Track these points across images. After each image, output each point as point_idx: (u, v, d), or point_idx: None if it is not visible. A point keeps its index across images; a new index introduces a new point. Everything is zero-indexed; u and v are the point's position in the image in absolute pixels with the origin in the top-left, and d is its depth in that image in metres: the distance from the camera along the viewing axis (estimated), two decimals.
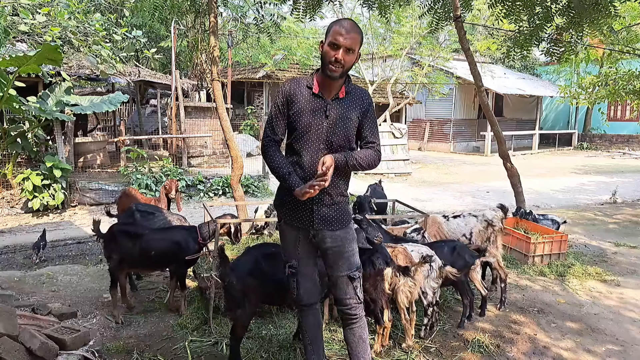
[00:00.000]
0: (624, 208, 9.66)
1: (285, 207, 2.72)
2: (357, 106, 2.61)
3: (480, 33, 20.44)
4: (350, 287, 2.69)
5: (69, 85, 9.18)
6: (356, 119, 2.61)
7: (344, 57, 2.46)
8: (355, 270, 2.70)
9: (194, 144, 12.71)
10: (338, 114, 2.57)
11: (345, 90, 2.61)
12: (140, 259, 4.02)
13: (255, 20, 8.52)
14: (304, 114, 2.57)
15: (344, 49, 2.45)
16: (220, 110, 6.86)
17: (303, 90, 2.59)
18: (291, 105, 2.60)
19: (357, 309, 2.73)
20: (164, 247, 4.05)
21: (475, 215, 4.68)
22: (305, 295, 2.79)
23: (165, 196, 5.54)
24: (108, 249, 4.02)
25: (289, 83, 2.64)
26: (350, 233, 2.73)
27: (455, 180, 13.23)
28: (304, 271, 2.76)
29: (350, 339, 2.77)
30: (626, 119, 21.79)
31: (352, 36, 2.45)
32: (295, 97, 2.59)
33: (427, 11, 7.28)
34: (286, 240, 2.79)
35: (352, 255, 2.71)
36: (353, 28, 2.48)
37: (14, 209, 8.67)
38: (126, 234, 4.02)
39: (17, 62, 5.44)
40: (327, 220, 2.64)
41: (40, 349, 2.89)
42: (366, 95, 2.68)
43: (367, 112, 2.64)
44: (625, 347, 3.76)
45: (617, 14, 6.06)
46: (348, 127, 2.59)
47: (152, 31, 17.53)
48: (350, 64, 2.51)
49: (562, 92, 12.91)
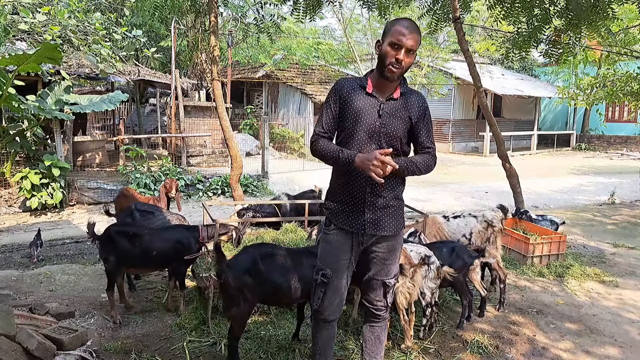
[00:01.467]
0: (622, 209, 9.68)
1: (336, 209, 2.59)
2: (411, 109, 2.52)
3: (479, 34, 20.49)
4: (382, 292, 2.66)
5: (69, 84, 9.16)
6: (409, 121, 2.51)
7: (405, 58, 2.38)
8: (392, 278, 2.66)
9: (193, 143, 12.71)
10: (391, 115, 2.48)
11: (400, 92, 2.51)
12: (139, 259, 4.01)
13: (255, 20, 8.53)
14: (356, 113, 2.48)
15: (405, 50, 2.36)
16: (219, 110, 6.86)
17: (356, 89, 2.51)
18: (343, 104, 2.51)
19: (383, 311, 2.72)
20: (165, 246, 4.04)
21: (475, 216, 4.69)
22: (327, 310, 2.64)
23: (165, 195, 5.53)
24: (105, 250, 3.98)
25: (342, 81, 2.58)
26: (399, 241, 2.66)
27: (454, 181, 13.24)
28: (336, 284, 2.60)
29: (368, 337, 2.77)
30: (624, 120, 21.82)
31: (414, 37, 2.37)
32: (348, 96, 2.50)
33: (426, 12, 7.29)
34: (330, 246, 2.62)
35: (393, 263, 2.66)
36: (415, 28, 2.40)
37: (12, 208, 8.65)
38: (124, 235, 3.99)
39: (17, 61, 5.44)
40: (380, 225, 2.53)
41: (38, 349, 2.89)
42: (422, 99, 2.59)
43: (424, 116, 2.55)
44: (623, 347, 3.76)
45: (614, 16, 6.08)
46: (399, 129, 2.49)
47: (152, 30, 17.51)
48: (409, 65, 2.43)
49: (561, 93, 12.93)
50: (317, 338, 2.75)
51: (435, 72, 18.13)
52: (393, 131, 2.48)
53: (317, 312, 2.67)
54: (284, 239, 5.34)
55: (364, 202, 2.50)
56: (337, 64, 18.49)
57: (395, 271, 2.68)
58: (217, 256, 3.12)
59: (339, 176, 2.59)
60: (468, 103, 21.49)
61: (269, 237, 5.62)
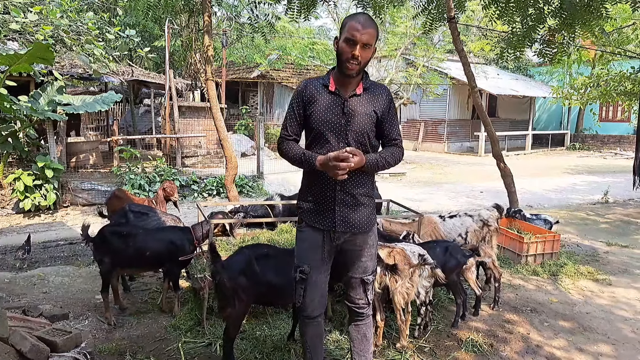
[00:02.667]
0: (615, 208, 9.73)
1: (308, 207, 2.63)
2: (376, 102, 2.53)
3: (474, 34, 20.54)
4: (362, 289, 2.67)
5: (61, 84, 9.11)
6: (375, 115, 2.52)
7: (361, 54, 2.38)
8: (370, 275, 2.66)
9: (188, 143, 12.67)
10: (355, 111, 2.49)
11: (363, 87, 2.52)
12: (134, 259, 3.99)
13: (249, 20, 8.51)
14: (321, 113, 2.50)
15: (360, 45, 2.37)
16: (214, 110, 6.84)
17: (319, 89, 2.52)
18: (307, 105, 2.53)
19: (366, 308, 2.72)
20: (159, 247, 4.03)
21: (471, 215, 4.70)
22: (310, 306, 2.65)
23: (163, 198, 5.52)
24: (99, 252, 3.96)
25: (304, 83, 2.58)
26: (373, 238, 2.65)
27: (449, 180, 13.27)
28: (315, 279, 2.61)
29: (354, 336, 2.77)
30: (617, 120, 21.96)
31: (369, 31, 2.37)
32: (312, 96, 2.52)
33: (421, 12, 7.30)
34: (304, 243, 2.65)
35: (369, 260, 2.66)
36: (369, 22, 2.40)
37: (5, 210, 8.59)
38: (118, 235, 3.98)
39: (8, 61, 5.41)
40: (350, 222, 2.55)
41: (31, 351, 2.86)
42: (386, 91, 2.59)
43: (389, 109, 2.56)
44: (616, 345, 3.78)
45: (608, 15, 6.11)
46: (365, 124, 2.50)
47: (146, 30, 17.46)
48: (367, 60, 2.44)
49: (555, 92, 12.99)
50: (305, 336, 2.76)
51: (430, 72, 18.16)
52: (359, 127, 2.50)
53: (301, 309, 2.69)
54: (279, 239, 5.33)
55: (334, 200, 2.53)
56: (332, 64, 18.50)
57: (372, 268, 2.69)
58: (212, 257, 3.11)
59: (309, 176, 2.62)
60: (463, 103, 21.55)
61: (264, 238, 5.60)
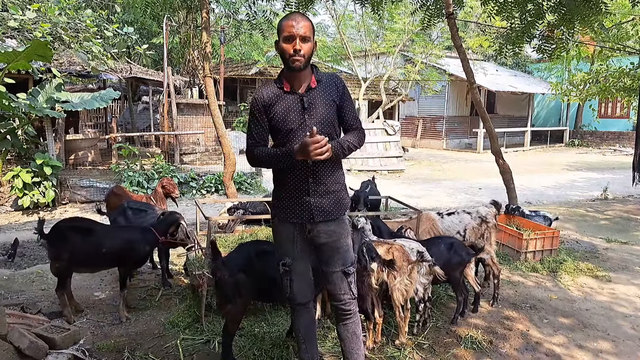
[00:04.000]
0: (614, 204, 9.73)
1: (281, 203, 2.68)
2: (331, 92, 2.62)
3: (472, 30, 20.51)
4: (345, 283, 2.67)
5: (60, 81, 9.07)
6: (334, 104, 2.62)
7: (302, 47, 2.47)
8: (350, 266, 2.68)
9: (187, 141, 12.64)
10: (315, 104, 2.57)
11: (316, 80, 2.61)
12: (91, 258, 3.90)
13: (247, 17, 8.48)
14: (282, 113, 2.57)
15: (299, 38, 2.46)
16: (212, 107, 6.82)
17: (275, 92, 2.59)
18: (268, 110, 2.59)
19: (351, 304, 2.71)
20: (117, 246, 3.94)
21: (469, 212, 4.69)
22: (298, 295, 2.72)
23: (162, 194, 5.51)
24: (55, 249, 3.81)
25: (259, 90, 2.64)
26: (345, 227, 2.70)
27: (448, 177, 13.26)
28: (297, 269, 2.69)
29: (344, 335, 2.76)
30: (616, 116, 21.94)
31: (304, 24, 2.47)
32: (270, 101, 2.59)
33: (419, 8, 7.26)
34: (280, 237, 2.73)
35: (346, 251, 2.69)
36: (303, 17, 2.51)
37: (4, 207, 8.58)
38: (75, 232, 3.87)
39: (7, 58, 5.39)
40: (323, 210, 2.61)
41: (30, 348, 2.86)
42: (338, 79, 2.69)
43: (343, 95, 2.65)
44: (616, 342, 3.78)
45: (607, 11, 6.08)
46: (328, 114, 2.59)
47: (144, 27, 17.41)
48: (310, 52, 2.52)
49: (554, 89, 12.98)
50: (299, 326, 2.80)
51: (428, 69, 18.13)
52: (322, 119, 2.57)
53: (291, 299, 2.74)
54: None
55: (308, 191, 2.58)
56: (330, 61, 18.45)
57: (351, 259, 2.71)
58: (212, 253, 3.10)
59: (281, 173, 2.67)
60: (462, 100, 21.53)
61: (263, 235, 5.59)
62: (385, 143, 14.21)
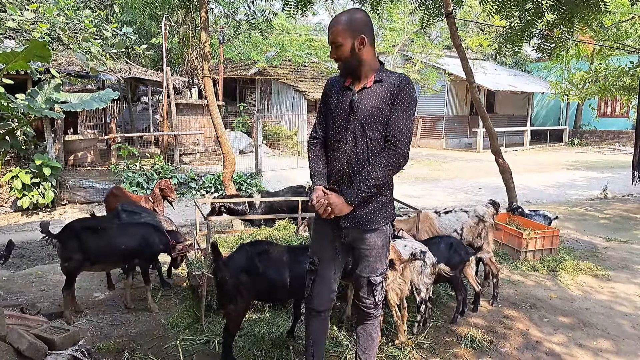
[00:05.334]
0: (614, 203, 9.73)
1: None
2: (386, 93, 2.44)
3: (472, 30, 20.50)
4: (369, 289, 2.63)
5: (59, 82, 9.06)
6: (385, 107, 2.44)
7: (336, 53, 2.48)
8: (377, 276, 2.62)
9: (186, 141, 12.64)
10: (362, 104, 2.47)
11: (375, 79, 2.48)
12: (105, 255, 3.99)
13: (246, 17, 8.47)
14: (333, 108, 2.59)
15: (333, 46, 2.49)
16: (211, 107, 6.81)
17: (336, 86, 2.62)
18: (327, 101, 2.64)
19: (373, 309, 2.69)
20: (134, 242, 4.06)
21: (467, 211, 4.68)
22: (316, 299, 2.67)
23: (160, 196, 5.51)
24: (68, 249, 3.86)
25: (328, 80, 2.71)
26: (383, 237, 2.59)
27: (448, 177, 13.26)
28: (322, 273, 2.64)
29: (360, 334, 2.79)
30: (616, 115, 21.92)
31: (332, 30, 2.46)
32: (330, 93, 2.63)
33: (418, 7, 7.26)
34: (316, 235, 2.72)
35: (377, 260, 2.61)
36: (334, 22, 2.48)
37: (3, 208, 8.57)
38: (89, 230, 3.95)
39: (5, 59, 5.36)
40: (357, 219, 2.52)
41: (29, 349, 2.85)
42: (400, 80, 2.45)
43: (397, 98, 2.42)
44: (616, 341, 3.77)
45: (607, 9, 6.08)
46: (370, 117, 2.44)
47: (143, 28, 17.38)
48: (346, 55, 2.46)
49: (553, 88, 12.97)
50: (309, 330, 2.77)
51: (428, 68, 18.13)
52: (365, 121, 2.46)
53: (307, 300, 2.72)
54: (278, 235, 5.32)
55: (341, 194, 2.50)
56: (329, 61, 18.44)
57: (381, 269, 2.63)
58: (213, 254, 3.10)
59: (328, 166, 2.68)
60: (461, 99, 21.52)
61: (262, 235, 5.59)
62: None
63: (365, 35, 2.44)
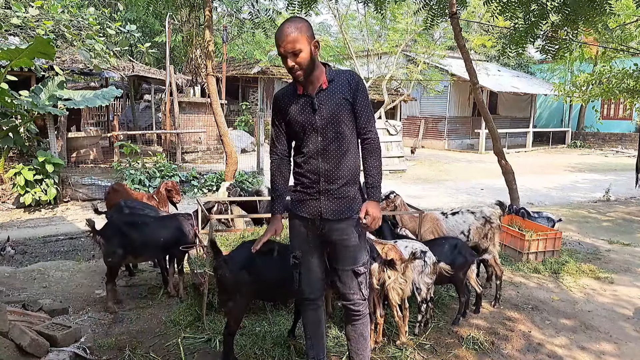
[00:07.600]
0: (617, 206, 9.71)
1: (295, 196, 2.73)
2: (343, 90, 2.56)
3: (475, 31, 20.46)
4: (355, 283, 2.66)
5: (62, 79, 9.07)
6: (346, 103, 2.55)
7: (295, 61, 2.43)
8: (361, 266, 2.67)
9: (188, 139, 12.65)
10: (325, 105, 2.54)
11: (328, 80, 2.56)
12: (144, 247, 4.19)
13: (250, 16, 8.47)
14: (294, 116, 2.60)
15: (290, 55, 2.43)
16: (214, 106, 6.82)
17: (290, 96, 2.63)
18: (283, 114, 2.65)
19: (361, 305, 2.71)
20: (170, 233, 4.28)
21: (473, 212, 4.67)
22: (306, 289, 2.76)
23: (166, 196, 5.52)
24: (111, 244, 4.02)
25: (277, 94, 2.72)
26: (357, 227, 2.66)
27: (450, 178, 13.25)
28: (307, 264, 2.73)
29: (351, 335, 2.77)
30: (619, 118, 21.90)
31: (291, 39, 2.39)
32: (284, 105, 2.63)
33: (422, 7, 7.25)
34: (293, 230, 2.78)
35: (357, 250, 2.67)
36: (288, 31, 2.40)
37: (6, 204, 8.59)
38: (130, 225, 4.15)
39: (9, 56, 5.35)
40: (333, 209, 2.62)
41: (31, 346, 2.85)
42: (352, 75, 2.60)
43: (357, 92, 2.57)
44: (619, 344, 3.76)
45: (612, 11, 6.06)
46: (339, 114, 2.54)
47: (147, 26, 17.42)
48: (307, 61, 2.44)
49: (556, 89, 12.94)
50: (306, 322, 2.85)
51: (431, 69, 18.10)
52: (333, 119, 2.54)
53: (300, 292, 2.79)
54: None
55: (319, 189, 2.60)
56: (333, 61, 18.42)
57: (362, 260, 2.69)
58: (213, 252, 3.10)
59: (297, 169, 2.75)
60: (464, 100, 21.50)
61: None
62: (387, 143, 14.19)
63: (316, 40, 2.51)
